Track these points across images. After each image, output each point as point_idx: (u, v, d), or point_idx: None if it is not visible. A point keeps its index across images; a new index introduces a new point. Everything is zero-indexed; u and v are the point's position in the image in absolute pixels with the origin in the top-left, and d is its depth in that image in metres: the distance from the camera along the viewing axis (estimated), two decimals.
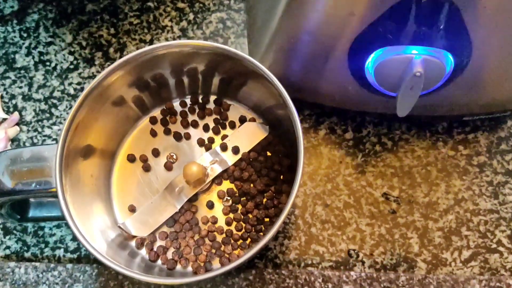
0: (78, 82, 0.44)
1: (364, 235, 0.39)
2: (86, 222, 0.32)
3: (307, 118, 0.42)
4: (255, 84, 0.36)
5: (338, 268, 0.38)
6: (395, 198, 0.40)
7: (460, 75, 0.34)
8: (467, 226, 0.39)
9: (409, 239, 0.39)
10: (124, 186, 0.37)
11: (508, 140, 0.41)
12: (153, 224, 0.35)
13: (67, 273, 0.38)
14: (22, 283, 0.38)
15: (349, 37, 0.32)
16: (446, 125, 0.41)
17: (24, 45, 0.46)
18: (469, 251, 0.38)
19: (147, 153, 0.38)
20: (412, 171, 0.40)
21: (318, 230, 0.39)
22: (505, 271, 0.38)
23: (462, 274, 0.37)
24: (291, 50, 0.36)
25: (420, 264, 0.38)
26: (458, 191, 0.40)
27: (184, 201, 0.36)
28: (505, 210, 0.39)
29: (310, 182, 0.40)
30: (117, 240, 0.34)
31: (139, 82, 0.36)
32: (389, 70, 0.32)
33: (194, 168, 0.34)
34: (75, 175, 0.32)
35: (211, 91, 0.39)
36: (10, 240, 0.40)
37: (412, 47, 0.31)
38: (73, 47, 0.46)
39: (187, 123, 0.38)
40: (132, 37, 0.45)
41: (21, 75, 0.45)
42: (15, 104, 0.44)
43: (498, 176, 0.40)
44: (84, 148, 0.34)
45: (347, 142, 0.41)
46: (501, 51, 0.33)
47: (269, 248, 0.39)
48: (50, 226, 0.40)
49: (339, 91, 0.37)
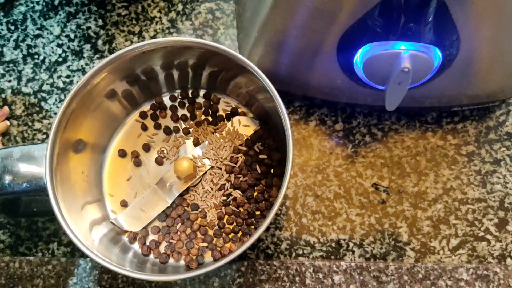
0: (67, 75, 0.44)
1: (354, 225, 0.39)
2: (77, 218, 0.32)
3: (298, 109, 0.42)
4: (244, 78, 0.36)
5: (329, 258, 0.39)
6: (384, 188, 0.40)
7: (448, 69, 0.34)
8: (455, 215, 0.39)
9: (399, 228, 0.39)
10: (115, 182, 0.37)
11: (496, 129, 0.41)
12: (145, 219, 0.36)
13: (61, 267, 0.38)
14: (17, 277, 0.39)
15: (338, 32, 0.32)
16: (435, 115, 0.42)
17: (12, 38, 0.45)
18: (457, 239, 0.39)
19: (138, 148, 0.38)
20: (401, 161, 0.41)
21: (309, 220, 0.40)
22: (492, 259, 0.38)
23: (450, 262, 0.38)
24: (281, 44, 0.36)
25: (409, 253, 0.39)
26: (446, 181, 0.40)
27: (175, 196, 0.36)
28: (492, 199, 0.40)
29: (300, 173, 0.41)
30: (109, 235, 0.35)
31: (129, 76, 0.36)
32: (378, 65, 0.32)
33: (185, 164, 0.34)
34: (65, 173, 0.33)
35: (200, 85, 0.39)
36: (4, 234, 0.41)
37: (400, 42, 0.31)
38: (61, 40, 0.45)
39: (177, 118, 0.38)
40: (120, 28, 0.45)
41: (9, 68, 0.45)
42: (4, 98, 0.44)
43: (486, 165, 0.40)
44: (76, 143, 0.35)
45: (337, 133, 0.42)
46: (488, 45, 0.33)
47: (261, 239, 0.39)
48: (43, 220, 0.40)
49: (329, 84, 0.37)
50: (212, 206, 0.36)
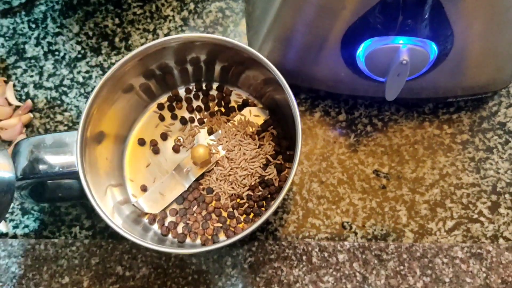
0: (86, 70, 0.47)
1: (356, 208, 0.42)
2: (103, 200, 0.35)
3: (303, 101, 0.45)
4: (254, 71, 0.38)
5: (333, 239, 0.41)
6: (385, 175, 0.43)
7: (443, 62, 0.37)
8: (451, 198, 0.42)
9: (398, 211, 0.42)
10: (135, 168, 0.40)
11: (489, 119, 0.44)
12: (164, 202, 0.39)
13: (84, 248, 0.41)
14: (42, 258, 0.41)
15: (342, 29, 0.35)
16: (432, 106, 0.45)
17: (33, 36, 0.48)
18: (453, 221, 0.42)
19: (156, 137, 0.41)
20: (400, 149, 0.44)
21: (314, 205, 0.42)
22: (485, 239, 0.41)
23: (446, 242, 0.41)
24: (289, 40, 0.39)
25: (407, 234, 0.41)
26: (442, 167, 0.43)
27: (192, 180, 0.39)
28: (485, 183, 0.43)
29: (306, 161, 0.44)
30: (131, 216, 0.38)
31: (146, 71, 0.39)
32: (378, 58, 0.35)
33: (201, 150, 0.37)
34: (92, 159, 0.35)
35: (213, 78, 0.42)
36: (28, 219, 0.43)
37: (399, 37, 0.34)
38: (80, 37, 0.48)
39: (192, 108, 0.41)
40: (136, 26, 0.48)
41: (31, 64, 0.48)
42: (27, 92, 0.47)
43: (480, 153, 0.43)
44: (98, 134, 0.37)
45: (341, 124, 0.45)
46: (480, 40, 0.36)
47: (270, 222, 0.42)
48: (66, 206, 0.43)
49: (333, 77, 0.40)
50: (225, 190, 0.39)
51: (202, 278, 0.40)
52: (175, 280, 0.40)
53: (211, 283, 0.40)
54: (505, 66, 0.39)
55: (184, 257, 0.41)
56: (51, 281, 0.41)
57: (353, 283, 0.39)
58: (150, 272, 0.40)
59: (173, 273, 0.40)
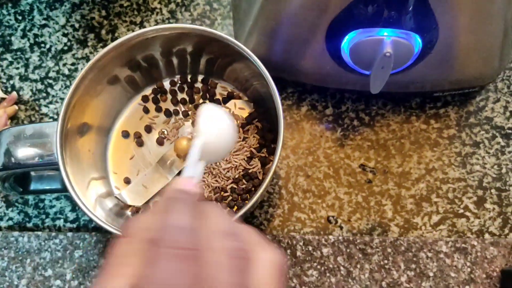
0: (72, 62, 0.47)
1: (342, 203, 0.42)
2: (85, 193, 0.35)
3: (290, 95, 0.45)
4: (240, 64, 0.38)
5: (319, 233, 0.41)
6: (371, 169, 0.43)
7: (429, 55, 0.37)
8: (437, 193, 0.42)
9: (384, 206, 0.42)
10: (119, 160, 0.40)
11: (476, 114, 0.44)
12: (147, 194, 0.38)
13: (68, 240, 0.41)
14: (25, 251, 0.41)
15: (326, 20, 0.35)
16: (419, 100, 0.44)
17: (19, 28, 0.48)
18: (438, 216, 0.42)
19: (140, 130, 0.40)
20: (387, 143, 0.43)
21: (300, 198, 0.42)
22: (471, 234, 0.41)
23: (431, 236, 0.41)
24: (274, 32, 0.38)
25: (393, 228, 0.41)
26: (429, 162, 0.43)
27: (175, 173, 0.38)
28: (472, 178, 0.42)
29: (292, 155, 0.43)
30: (114, 209, 0.37)
31: (131, 63, 0.38)
32: (363, 50, 0.35)
33: (185, 143, 0.37)
34: (74, 151, 0.35)
35: (199, 70, 0.41)
36: (13, 212, 0.43)
37: (383, 29, 0.34)
38: (67, 29, 0.48)
39: (176, 101, 0.41)
40: (122, 19, 0.48)
41: (17, 56, 0.47)
42: (12, 84, 0.46)
43: (466, 148, 0.43)
44: (81, 126, 0.37)
45: (327, 118, 0.44)
46: (466, 33, 0.36)
47: (255, 216, 0.42)
48: (50, 199, 0.43)
49: (319, 70, 0.40)
50: (209, 183, 0.38)
51: None
52: None
53: None
54: (491, 60, 0.39)
55: None
56: (34, 273, 0.40)
57: (337, 276, 0.39)
58: None
59: None
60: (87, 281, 0.40)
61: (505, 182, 0.42)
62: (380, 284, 0.39)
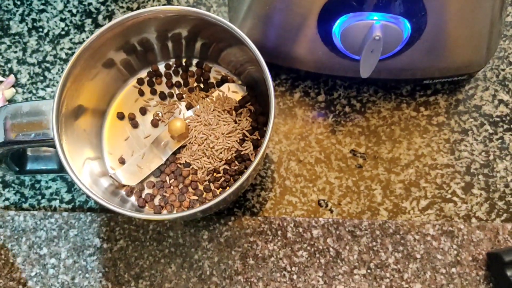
0: (69, 47, 0.47)
1: (333, 187, 0.43)
2: (81, 171, 0.36)
3: (284, 82, 0.46)
4: (234, 49, 0.39)
5: (309, 216, 0.42)
6: (361, 154, 0.44)
7: (418, 41, 0.37)
8: (425, 178, 0.43)
9: (373, 190, 0.43)
10: (114, 141, 0.41)
11: (465, 102, 0.45)
12: (141, 174, 0.39)
13: (63, 220, 0.42)
14: (21, 230, 0.42)
15: (318, 5, 0.36)
16: (409, 88, 0.45)
17: (17, 12, 0.49)
18: (426, 200, 0.42)
19: (135, 111, 0.41)
20: (377, 130, 0.44)
21: (292, 182, 0.43)
22: (458, 218, 0.42)
23: (419, 220, 0.42)
24: (267, 17, 0.39)
25: (382, 212, 0.42)
26: (418, 148, 0.44)
27: (169, 154, 0.39)
28: (460, 164, 0.43)
29: (285, 140, 0.44)
30: (109, 189, 0.38)
31: (126, 45, 0.39)
32: (353, 34, 0.36)
33: (178, 124, 0.38)
34: (69, 130, 0.36)
35: (193, 54, 0.42)
36: (9, 192, 0.44)
37: (373, 13, 0.34)
38: (64, 14, 0.48)
39: (171, 84, 0.42)
40: (119, 5, 0.48)
41: (15, 40, 0.48)
42: (10, 67, 0.47)
43: (455, 135, 0.44)
44: (76, 108, 0.38)
45: (320, 104, 0.45)
46: (454, 19, 0.36)
47: (247, 199, 0.43)
48: (46, 180, 0.44)
49: (311, 56, 0.41)
50: (202, 164, 0.39)
51: (179, 251, 0.41)
52: (152, 253, 0.41)
53: (187, 256, 0.41)
54: (479, 48, 0.40)
55: (161, 230, 0.41)
56: (30, 252, 0.41)
57: (327, 258, 0.40)
58: (128, 245, 0.41)
59: (150, 245, 0.41)
60: (81, 259, 0.41)
61: (493, 169, 0.43)
62: (368, 265, 0.40)
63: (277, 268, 0.40)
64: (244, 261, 0.40)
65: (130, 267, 0.41)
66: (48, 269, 0.41)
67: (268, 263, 0.40)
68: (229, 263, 0.40)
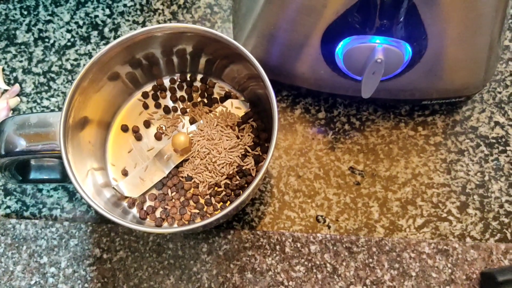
0: (75, 58, 0.48)
1: (331, 203, 0.44)
2: (84, 181, 0.36)
3: (285, 98, 0.47)
4: (238, 65, 0.40)
5: (307, 232, 0.43)
6: (359, 172, 0.45)
7: (418, 63, 0.38)
8: (422, 197, 0.44)
9: (371, 207, 0.44)
10: (118, 153, 0.41)
11: (462, 123, 0.46)
12: (144, 186, 0.40)
13: (64, 229, 0.42)
14: (22, 238, 0.42)
15: (322, 26, 0.37)
16: (408, 108, 0.46)
17: (24, 22, 0.49)
18: (422, 219, 0.43)
19: (139, 124, 0.42)
20: (376, 148, 0.45)
21: (291, 198, 0.44)
22: (453, 237, 0.43)
23: (415, 238, 0.42)
24: (271, 36, 0.40)
25: (379, 229, 0.43)
26: (415, 167, 0.45)
27: (171, 167, 0.40)
28: (455, 184, 0.44)
29: (285, 155, 0.45)
30: (111, 200, 0.39)
31: (132, 60, 0.40)
32: (356, 56, 0.37)
33: (182, 138, 0.39)
34: (75, 141, 0.36)
35: (198, 70, 0.43)
36: (11, 200, 0.44)
37: (375, 37, 0.35)
38: (71, 26, 0.49)
39: (175, 98, 0.43)
40: (125, 18, 0.49)
41: (21, 50, 0.49)
42: (15, 76, 0.48)
43: (451, 155, 0.45)
44: (82, 119, 0.38)
45: (320, 121, 0.46)
46: (454, 44, 0.38)
47: (246, 213, 0.43)
48: (47, 189, 0.44)
49: (313, 74, 0.42)
50: (204, 178, 0.40)
51: (178, 263, 0.41)
52: (151, 264, 0.41)
53: (186, 268, 0.41)
54: (478, 71, 0.41)
55: (161, 241, 0.42)
56: (30, 260, 0.42)
57: (323, 273, 0.41)
58: (127, 255, 0.41)
59: (150, 257, 0.41)
60: (81, 269, 0.41)
61: (488, 189, 0.44)
62: (364, 282, 0.41)
63: (275, 282, 0.41)
64: (242, 274, 0.41)
65: (129, 278, 0.41)
66: (48, 278, 0.41)
67: (265, 277, 0.41)
68: (227, 276, 0.41)
